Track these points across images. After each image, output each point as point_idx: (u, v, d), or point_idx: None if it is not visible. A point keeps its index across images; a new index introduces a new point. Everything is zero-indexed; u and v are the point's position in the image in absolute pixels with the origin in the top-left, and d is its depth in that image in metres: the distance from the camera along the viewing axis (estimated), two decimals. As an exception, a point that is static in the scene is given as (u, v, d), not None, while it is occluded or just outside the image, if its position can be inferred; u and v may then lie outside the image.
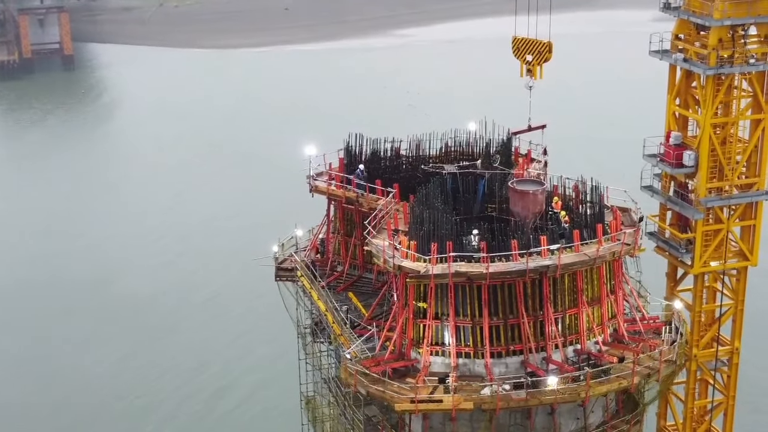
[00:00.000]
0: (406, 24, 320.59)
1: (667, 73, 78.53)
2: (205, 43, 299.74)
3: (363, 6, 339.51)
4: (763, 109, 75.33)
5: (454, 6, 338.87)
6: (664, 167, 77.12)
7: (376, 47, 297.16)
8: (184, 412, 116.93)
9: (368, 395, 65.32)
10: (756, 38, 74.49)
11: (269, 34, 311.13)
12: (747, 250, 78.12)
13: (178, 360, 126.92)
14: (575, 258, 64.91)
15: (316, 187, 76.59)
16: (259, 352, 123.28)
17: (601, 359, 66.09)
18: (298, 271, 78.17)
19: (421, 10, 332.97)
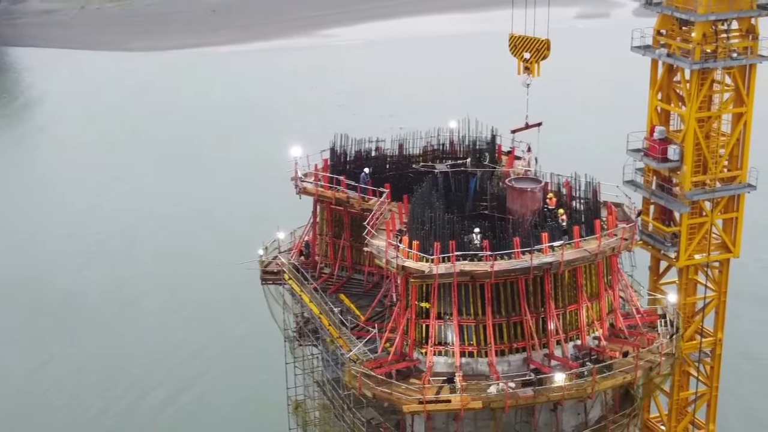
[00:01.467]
0: (330, 24, 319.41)
1: (649, 68, 79.17)
2: (131, 46, 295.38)
3: (288, 6, 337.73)
4: (745, 102, 76.27)
5: (376, 6, 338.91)
6: (648, 162, 77.75)
7: (302, 47, 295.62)
8: (164, 420, 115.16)
9: (374, 397, 64.68)
10: (737, 33, 75.43)
11: (195, 36, 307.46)
12: (730, 242, 79.14)
13: (155, 366, 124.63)
14: (577, 254, 65.09)
15: (305, 188, 75.78)
16: (242, 357, 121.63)
17: (604, 354, 66.31)
18: (285, 273, 77.25)
19: (345, 10, 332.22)
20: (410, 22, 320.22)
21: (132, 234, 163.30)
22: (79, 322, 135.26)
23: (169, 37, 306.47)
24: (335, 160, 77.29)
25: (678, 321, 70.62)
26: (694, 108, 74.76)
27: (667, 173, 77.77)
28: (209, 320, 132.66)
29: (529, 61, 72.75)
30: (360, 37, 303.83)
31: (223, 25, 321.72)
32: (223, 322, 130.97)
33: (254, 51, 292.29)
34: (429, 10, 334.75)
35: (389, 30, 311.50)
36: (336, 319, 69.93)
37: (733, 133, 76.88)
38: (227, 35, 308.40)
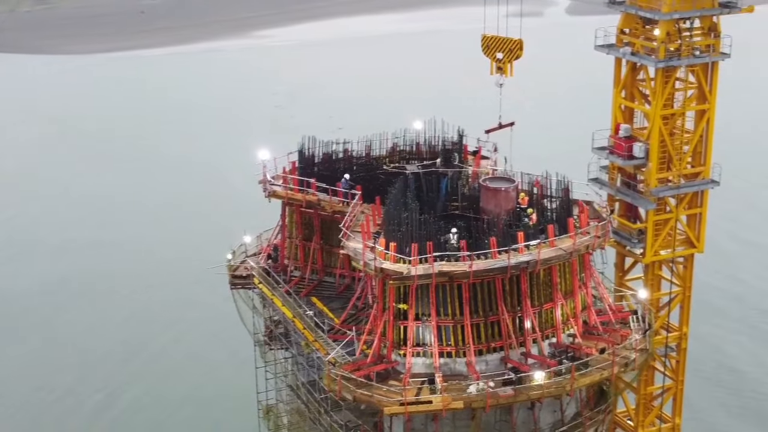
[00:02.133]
0: (265, 25, 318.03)
1: (613, 67, 79.85)
2: (62, 49, 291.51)
3: (220, 8, 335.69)
4: (708, 99, 77.26)
5: (312, 6, 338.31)
6: (614, 159, 78.40)
7: (237, 49, 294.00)
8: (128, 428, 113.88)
9: (354, 400, 64.50)
10: (699, 31, 76.38)
11: (125, 39, 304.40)
12: (694, 238, 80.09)
13: (120, 371, 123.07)
14: (553, 253, 65.49)
15: (274, 192, 75.33)
16: (210, 361, 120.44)
17: (580, 351, 66.78)
18: (255, 278, 76.77)
19: (279, 11, 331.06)
20: (345, 22, 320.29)
21: (85, 237, 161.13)
22: (43, 329, 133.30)
23: (99, 39, 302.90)
24: (304, 162, 76.81)
25: (650, 317, 71.31)
26: (659, 105, 75.56)
27: (632, 170, 78.49)
28: (175, 325, 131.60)
29: (502, 61, 72.97)
30: (296, 38, 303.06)
31: (153, 27, 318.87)
32: (190, 326, 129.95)
33: (187, 53, 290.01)
34: (363, 11, 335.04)
35: (325, 30, 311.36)
36: (311, 323, 69.50)
37: (696, 129, 77.82)
38: (158, 37, 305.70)
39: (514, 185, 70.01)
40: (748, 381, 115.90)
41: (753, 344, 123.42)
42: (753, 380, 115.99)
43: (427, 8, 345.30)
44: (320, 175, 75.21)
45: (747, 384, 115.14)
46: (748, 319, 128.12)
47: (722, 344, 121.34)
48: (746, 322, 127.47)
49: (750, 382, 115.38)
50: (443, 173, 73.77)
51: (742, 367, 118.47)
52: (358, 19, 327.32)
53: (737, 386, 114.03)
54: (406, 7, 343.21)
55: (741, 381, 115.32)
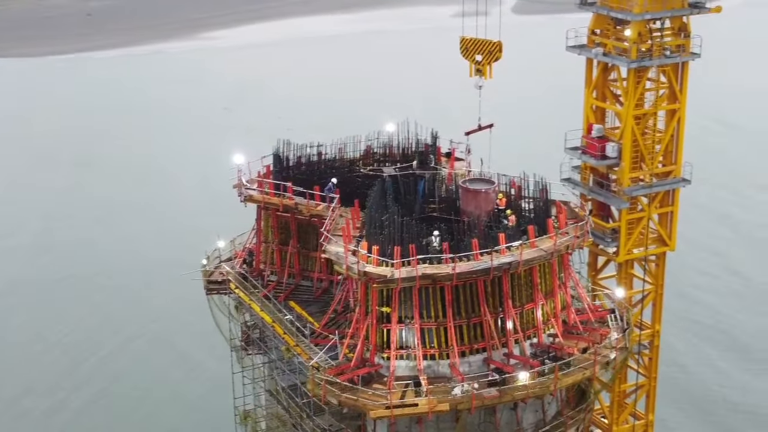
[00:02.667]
0: (214, 26, 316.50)
1: (584, 67, 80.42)
2: (13, 52, 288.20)
3: (168, 9, 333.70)
4: (678, 99, 78.09)
5: (261, 7, 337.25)
6: (587, 159, 78.97)
7: (186, 50, 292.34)
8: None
9: (339, 404, 64.42)
10: (669, 31, 77.15)
11: (71, 41, 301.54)
12: (666, 236, 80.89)
13: (94, 379, 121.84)
14: (534, 254, 65.80)
15: (251, 196, 74.98)
16: (185, 368, 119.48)
17: (561, 351, 67.17)
18: (232, 283, 76.42)
19: (228, 12, 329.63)
20: (294, 23, 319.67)
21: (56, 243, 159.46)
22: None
23: (46, 42, 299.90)
24: (279, 166, 76.56)
25: (628, 315, 71.92)
26: (632, 105, 76.25)
27: (605, 170, 79.10)
28: (149, 330, 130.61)
29: (481, 64, 73.21)
30: (244, 39, 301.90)
31: (101, 29, 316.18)
32: (164, 331, 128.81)
33: (135, 55, 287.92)
34: (312, 11, 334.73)
35: (274, 31, 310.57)
36: (293, 327, 69.30)
37: (667, 129, 78.63)
38: (105, 39, 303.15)
39: (494, 186, 70.26)
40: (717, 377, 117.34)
41: (725, 340, 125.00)
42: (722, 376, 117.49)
43: (373, 8, 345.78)
44: (296, 178, 74.91)
45: (716, 379, 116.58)
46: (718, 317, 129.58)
47: (695, 341, 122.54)
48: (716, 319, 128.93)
49: (719, 378, 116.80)
50: (420, 175, 73.81)
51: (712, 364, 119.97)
52: (307, 20, 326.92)
53: (707, 384, 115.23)
54: (353, 8, 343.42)
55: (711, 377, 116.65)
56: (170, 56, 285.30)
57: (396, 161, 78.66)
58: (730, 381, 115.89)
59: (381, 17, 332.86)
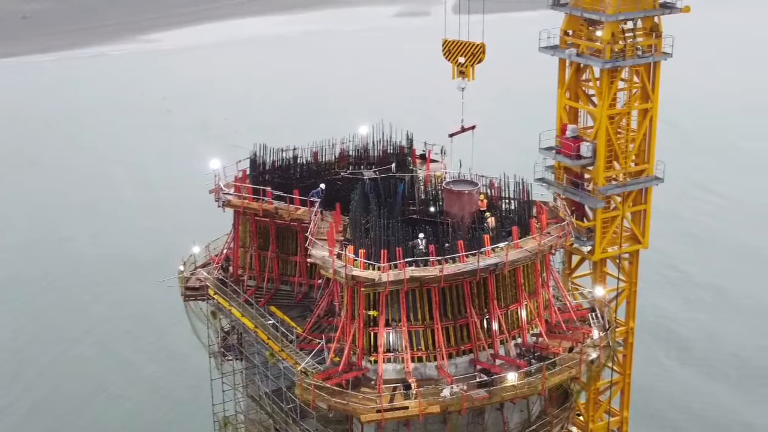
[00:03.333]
0: (151, 28, 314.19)
1: (557, 68, 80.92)
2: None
3: (104, 12, 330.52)
4: (651, 98, 78.92)
5: (198, 9, 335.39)
6: (562, 160, 79.46)
7: (123, 53, 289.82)
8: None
9: (329, 409, 64.22)
10: (641, 31, 77.92)
11: (10, 45, 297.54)
12: (639, 234, 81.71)
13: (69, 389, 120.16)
14: (519, 254, 66.12)
15: (229, 201, 74.45)
16: (163, 375, 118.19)
17: (547, 351, 67.58)
18: (210, 289, 75.86)
19: (165, 14, 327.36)
20: (235, 24, 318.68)
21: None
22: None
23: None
24: (256, 170, 76.14)
25: (609, 314, 72.54)
26: (606, 105, 76.90)
27: (579, 170, 79.67)
28: (123, 338, 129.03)
29: (464, 65, 73.36)
30: (183, 41, 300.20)
31: (36, 32, 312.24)
32: (141, 340, 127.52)
33: (73, 58, 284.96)
34: (252, 13, 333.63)
35: (213, 33, 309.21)
36: (278, 333, 68.93)
37: (640, 128, 79.41)
38: (42, 43, 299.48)
39: (477, 187, 70.49)
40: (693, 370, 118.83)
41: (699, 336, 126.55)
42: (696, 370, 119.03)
43: (313, 9, 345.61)
44: (274, 183, 74.54)
45: (692, 373, 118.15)
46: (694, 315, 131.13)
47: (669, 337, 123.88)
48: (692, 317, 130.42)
49: (694, 372, 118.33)
50: (400, 178, 73.85)
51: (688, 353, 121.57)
52: (247, 21, 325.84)
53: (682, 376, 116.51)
54: (293, 9, 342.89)
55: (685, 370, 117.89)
56: (110, 59, 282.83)
57: (372, 164, 78.43)
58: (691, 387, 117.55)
59: (321, 18, 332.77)
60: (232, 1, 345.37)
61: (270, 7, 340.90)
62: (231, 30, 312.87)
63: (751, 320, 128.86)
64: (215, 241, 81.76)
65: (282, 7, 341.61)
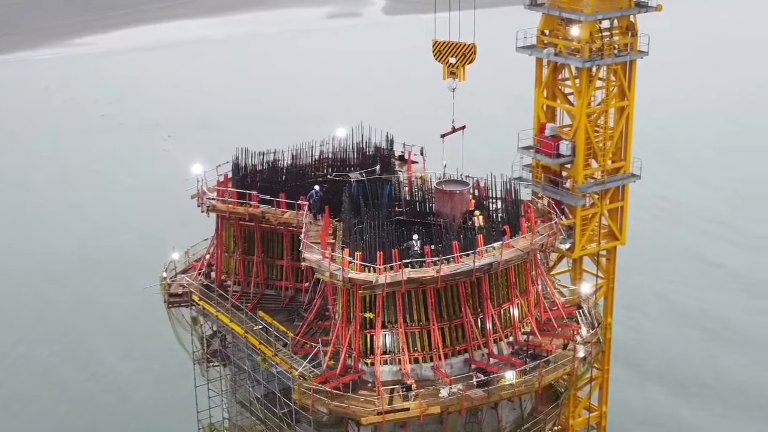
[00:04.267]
0: (83, 32, 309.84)
1: (534, 67, 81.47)
2: None
3: (34, 16, 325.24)
4: (627, 96, 79.84)
5: (126, 12, 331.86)
6: (542, 158, 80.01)
7: (54, 58, 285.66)
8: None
9: (329, 413, 64.10)
10: (617, 30, 78.77)
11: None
12: (617, 231, 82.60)
13: None
14: (513, 253, 66.51)
15: (214, 206, 73.82)
16: (147, 383, 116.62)
17: (540, 348, 68.08)
18: (195, 295, 75.21)
19: (97, 17, 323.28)
20: (162, 27, 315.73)
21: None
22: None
23: None
24: (239, 174, 75.61)
25: (596, 310, 73.26)
26: (585, 104, 77.62)
27: (558, 168, 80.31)
28: (106, 343, 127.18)
29: (455, 66, 73.52)
30: (116, 44, 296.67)
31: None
32: (121, 348, 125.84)
33: (1, 62, 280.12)
34: (181, 16, 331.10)
35: (144, 36, 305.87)
36: (271, 338, 68.58)
37: (617, 126, 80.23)
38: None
39: (469, 187, 70.76)
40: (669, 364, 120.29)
41: (673, 330, 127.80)
42: (673, 363, 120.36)
43: (243, 12, 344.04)
44: (259, 186, 74.11)
45: (668, 367, 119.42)
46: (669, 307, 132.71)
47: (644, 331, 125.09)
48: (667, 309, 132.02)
49: (671, 366, 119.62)
50: (386, 179, 73.85)
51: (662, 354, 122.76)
52: (178, 24, 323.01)
53: (660, 371, 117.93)
54: (223, 11, 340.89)
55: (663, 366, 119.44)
56: (40, 63, 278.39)
57: (352, 166, 78.26)
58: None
59: (252, 20, 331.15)
60: (163, 3, 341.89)
61: (199, 10, 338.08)
62: (161, 33, 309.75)
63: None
64: (194, 247, 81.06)
65: (211, 10, 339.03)
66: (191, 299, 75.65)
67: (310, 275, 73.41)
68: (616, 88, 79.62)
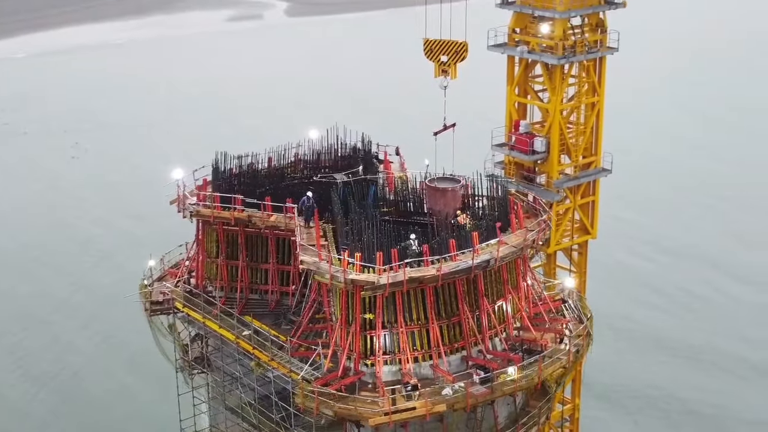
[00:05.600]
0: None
1: (506, 65, 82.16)
2: None
3: None
4: (598, 92, 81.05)
5: (24, 18, 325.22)
6: (517, 155, 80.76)
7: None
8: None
9: (335, 415, 63.78)
10: (587, 27, 79.95)
11: None
12: (588, 225, 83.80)
13: None
14: (507, 250, 66.98)
15: (198, 212, 72.79)
16: (130, 392, 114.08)
17: (535, 343, 68.75)
18: (178, 302, 74.11)
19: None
20: (69, 32, 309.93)
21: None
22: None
23: None
24: (220, 178, 74.68)
25: (582, 303, 74.16)
26: (559, 100, 78.59)
27: (531, 164, 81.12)
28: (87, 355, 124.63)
29: (447, 64, 73.65)
30: (14, 51, 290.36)
31: None
32: (100, 358, 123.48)
33: None
34: (87, 19, 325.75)
35: (45, 42, 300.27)
36: (267, 342, 67.96)
37: (588, 121, 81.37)
38: None
39: (461, 184, 71.05)
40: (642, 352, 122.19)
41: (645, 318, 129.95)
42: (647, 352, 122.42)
43: (145, 15, 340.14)
44: (242, 190, 73.37)
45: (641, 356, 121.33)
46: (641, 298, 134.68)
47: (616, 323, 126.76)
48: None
49: (644, 354, 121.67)
50: (371, 180, 73.78)
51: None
52: (76, 30, 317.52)
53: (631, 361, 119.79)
54: (123, 16, 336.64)
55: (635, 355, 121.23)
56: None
57: (327, 167, 77.88)
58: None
59: (156, 23, 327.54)
60: (59, 9, 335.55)
61: (98, 15, 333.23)
62: (65, 38, 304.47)
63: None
64: (168, 254, 79.97)
65: (112, 15, 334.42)
66: (174, 306, 74.44)
67: (297, 278, 73.20)
68: (587, 85, 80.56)
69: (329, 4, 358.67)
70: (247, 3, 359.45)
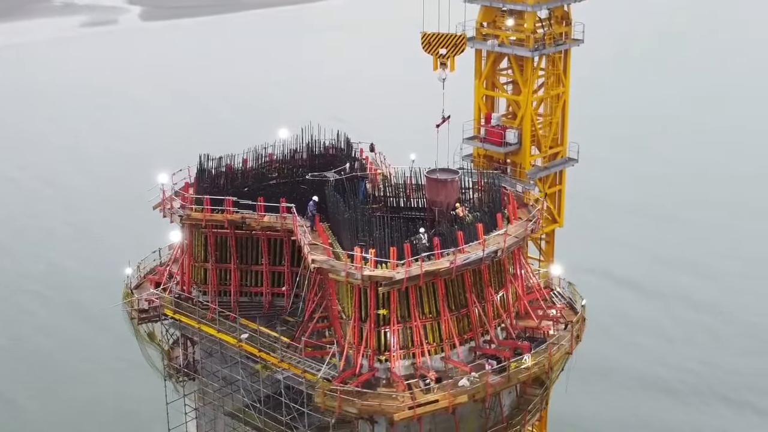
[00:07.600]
0: None
1: (473, 59, 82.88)
2: None
3: None
4: (563, 83, 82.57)
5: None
6: (490, 147, 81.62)
7: None
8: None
9: (359, 412, 63.55)
10: (554, 20, 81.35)
11: None
12: (556, 214, 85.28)
13: None
14: (512, 240, 67.81)
15: (189, 216, 71.33)
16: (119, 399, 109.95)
17: (537, 331, 69.80)
18: (167, 309, 72.63)
19: None
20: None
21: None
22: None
23: None
24: (207, 181, 73.40)
25: (572, 290, 75.49)
26: (530, 92, 79.77)
27: (502, 156, 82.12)
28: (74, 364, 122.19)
29: (446, 57, 73.72)
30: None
31: None
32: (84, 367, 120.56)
33: None
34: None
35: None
36: (277, 344, 67.25)
37: (554, 112, 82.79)
38: None
39: (458, 175, 71.45)
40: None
41: None
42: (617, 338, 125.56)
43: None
44: (231, 192, 72.29)
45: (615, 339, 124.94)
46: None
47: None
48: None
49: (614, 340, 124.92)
50: (361, 177, 73.64)
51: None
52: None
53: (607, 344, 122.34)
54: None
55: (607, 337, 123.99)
56: None
57: (305, 166, 77.34)
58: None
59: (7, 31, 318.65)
60: None
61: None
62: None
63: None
64: (144, 261, 78.25)
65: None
66: (162, 313, 72.90)
67: (290, 279, 72.60)
68: (553, 77, 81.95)
69: (182, 7, 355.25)
70: (101, 8, 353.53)
